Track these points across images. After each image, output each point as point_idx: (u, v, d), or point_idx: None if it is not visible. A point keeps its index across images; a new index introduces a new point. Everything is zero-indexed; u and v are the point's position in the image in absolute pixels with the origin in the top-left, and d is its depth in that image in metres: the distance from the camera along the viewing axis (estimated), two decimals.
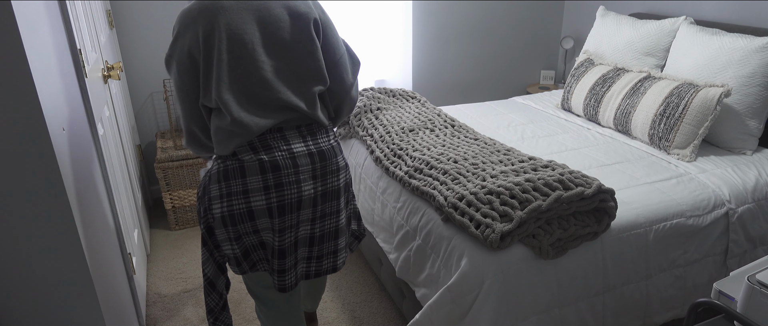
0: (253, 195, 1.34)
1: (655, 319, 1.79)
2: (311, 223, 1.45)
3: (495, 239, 1.44)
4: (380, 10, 3.23)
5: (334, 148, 1.46)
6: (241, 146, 1.35)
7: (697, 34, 2.40)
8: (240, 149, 1.35)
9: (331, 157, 1.44)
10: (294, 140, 1.39)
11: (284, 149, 1.37)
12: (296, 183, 1.37)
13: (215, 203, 1.36)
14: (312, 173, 1.39)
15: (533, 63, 3.93)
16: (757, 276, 1.03)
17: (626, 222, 1.67)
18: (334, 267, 1.54)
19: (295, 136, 1.39)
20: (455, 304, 1.52)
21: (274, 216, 1.36)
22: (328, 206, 1.46)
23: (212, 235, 1.41)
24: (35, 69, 1.08)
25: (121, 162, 2.16)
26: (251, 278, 1.55)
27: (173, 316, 2.15)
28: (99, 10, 2.30)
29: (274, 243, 1.41)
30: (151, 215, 3.01)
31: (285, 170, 1.35)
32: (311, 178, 1.39)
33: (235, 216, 1.36)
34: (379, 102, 2.50)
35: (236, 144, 1.34)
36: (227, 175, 1.35)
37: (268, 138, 1.36)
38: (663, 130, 2.18)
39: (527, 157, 1.85)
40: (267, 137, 1.36)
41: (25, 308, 1.20)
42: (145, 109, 3.03)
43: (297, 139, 1.39)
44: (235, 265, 1.44)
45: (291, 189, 1.36)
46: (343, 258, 1.56)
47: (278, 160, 1.35)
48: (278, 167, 1.35)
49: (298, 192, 1.37)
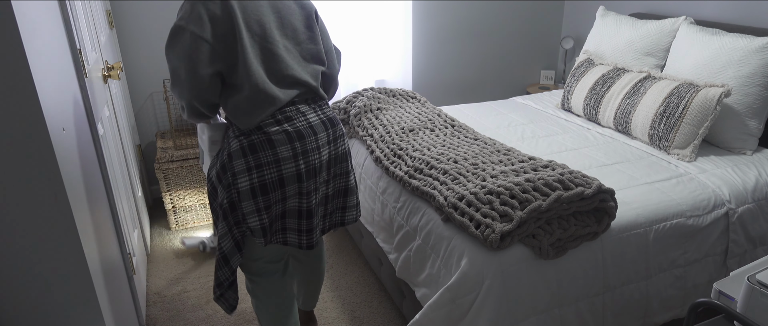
0: (285, 164, 1.47)
1: (655, 319, 1.79)
2: (326, 185, 1.62)
3: (495, 239, 1.44)
4: (380, 10, 3.23)
5: (335, 117, 1.63)
6: (265, 119, 1.47)
7: (697, 34, 2.40)
8: (265, 122, 1.47)
9: (337, 123, 1.62)
10: (308, 112, 1.55)
11: (303, 120, 1.52)
12: (318, 150, 1.54)
13: (241, 177, 1.45)
14: (327, 139, 1.57)
15: (533, 63, 3.93)
16: (757, 276, 1.03)
17: (626, 222, 1.67)
18: (343, 221, 1.72)
19: (307, 109, 1.55)
20: (455, 304, 1.52)
21: (302, 180, 1.51)
22: (340, 167, 1.65)
23: (234, 210, 1.49)
24: (35, 69, 1.08)
25: (121, 162, 2.16)
26: (250, 256, 1.64)
27: (173, 316, 2.15)
28: (99, 10, 2.30)
29: (301, 206, 1.55)
30: (151, 215, 3.01)
31: (308, 138, 1.51)
32: (327, 144, 1.57)
33: (268, 186, 1.47)
34: (379, 102, 2.50)
35: (262, 115, 1.46)
36: (254, 148, 1.46)
37: (287, 111, 1.50)
38: (663, 130, 2.18)
39: (527, 157, 1.85)
40: (287, 110, 1.50)
41: (25, 308, 1.20)
42: (145, 109, 3.03)
43: (310, 111, 1.55)
44: (261, 236, 1.52)
45: (315, 155, 1.53)
46: (352, 215, 1.72)
47: (302, 130, 1.50)
48: (303, 136, 1.50)
49: (319, 157, 1.55)
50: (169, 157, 2.68)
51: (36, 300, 1.21)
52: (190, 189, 2.78)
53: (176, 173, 2.71)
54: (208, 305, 2.22)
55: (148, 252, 2.59)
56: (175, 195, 2.76)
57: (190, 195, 2.79)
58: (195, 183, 2.78)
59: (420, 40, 3.51)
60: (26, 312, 1.21)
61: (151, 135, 3.09)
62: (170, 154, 2.69)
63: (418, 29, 3.48)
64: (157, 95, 3.02)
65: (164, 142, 2.88)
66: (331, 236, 2.74)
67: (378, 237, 2.07)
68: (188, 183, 2.76)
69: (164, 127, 3.10)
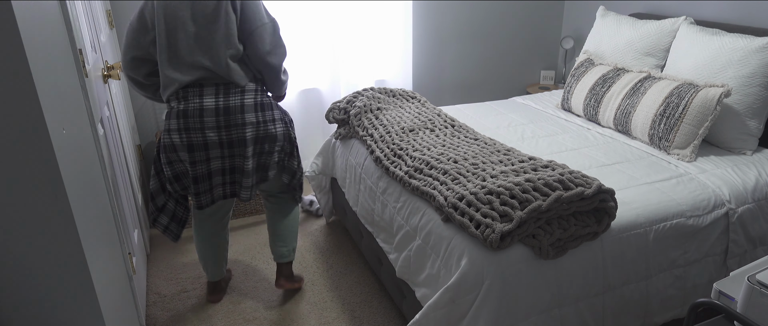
0: (173, 134, 1.82)
1: (655, 319, 1.79)
2: (221, 160, 1.88)
3: (495, 239, 1.44)
4: (380, 10, 3.23)
5: (244, 105, 1.84)
6: (171, 95, 1.82)
7: (697, 34, 2.40)
8: (170, 97, 1.83)
9: (235, 112, 1.83)
10: (207, 95, 1.81)
11: (197, 102, 1.80)
12: (201, 130, 1.81)
13: (163, 134, 1.85)
14: (216, 124, 1.81)
15: (533, 63, 3.93)
16: (757, 276, 1.03)
17: (626, 223, 1.67)
18: (234, 193, 1.98)
19: (210, 93, 1.82)
20: (455, 304, 1.52)
21: (185, 151, 1.83)
22: (235, 150, 1.87)
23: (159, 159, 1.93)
24: (35, 69, 1.08)
25: (121, 162, 2.16)
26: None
27: (173, 316, 2.15)
28: (99, 10, 2.30)
29: (189, 172, 1.87)
30: None
31: (192, 118, 1.80)
32: (216, 128, 1.82)
33: (167, 147, 1.85)
34: (379, 102, 2.50)
35: (167, 93, 1.82)
36: (168, 116, 1.84)
37: (188, 91, 1.81)
38: (663, 130, 2.18)
39: (527, 157, 1.85)
40: (188, 91, 1.81)
41: (25, 308, 1.20)
42: (145, 109, 3.03)
43: (210, 95, 1.81)
44: (169, 185, 1.92)
45: (196, 134, 1.81)
46: (247, 193, 1.95)
47: (188, 110, 1.80)
48: (187, 115, 1.80)
49: (203, 136, 1.82)
50: None
51: (36, 300, 1.21)
52: None
53: None
54: (208, 305, 2.22)
55: (148, 252, 2.59)
56: None
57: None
58: None
59: (420, 40, 3.51)
60: (26, 312, 1.21)
61: (151, 135, 3.09)
62: None
63: (418, 29, 3.48)
64: None
65: None
66: (331, 236, 2.75)
67: (378, 237, 2.07)
68: None
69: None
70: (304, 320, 2.12)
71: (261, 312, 2.16)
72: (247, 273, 2.43)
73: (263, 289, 2.31)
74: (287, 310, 2.17)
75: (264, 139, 1.89)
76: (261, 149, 1.91)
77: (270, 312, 2.17)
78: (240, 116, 1.82)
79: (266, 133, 1.89)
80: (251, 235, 2.77)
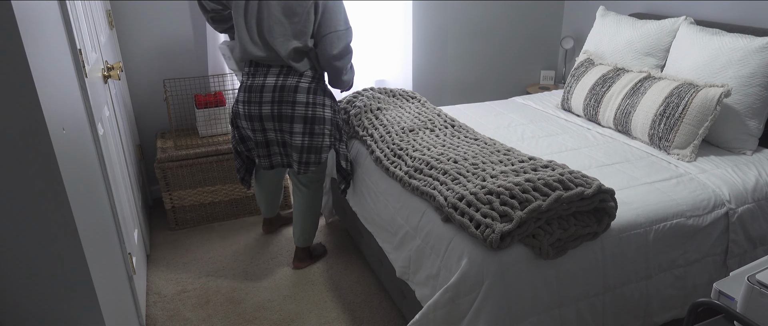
0: (240, 104, 2.15)
1: (655, 319, 1.79)
2: (274, 132, 2.17)
3: (495, 239, 1.44)
4: (380, 10, 3.23)
5: (299, 87, 2.09)
6: (245, 67, 2.17)
7: (697, 34, 2.40)
8: (245, 70, 2.17)
9: (290, 91, 2.08)
10: (271, 75, 2.10)
11: (261, 79, 2.10)
12: (259, 103, 2.10)
13: (235, 101, 2.21)
14: (272, 98, 2.09)
15: (533, 63, 3.93)
16: (757, 276, 1.03)
17: (626, 223, 1.67)
18: (289, 164, 2.26)
19: (274, 73, 2.10)
20: (455, 304, 1.52)
21: (246, 120, 2.16)
22: (284, 125, 2.13)
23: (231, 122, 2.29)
24: (35, 69, 1.08)
25: (121, 162, 2.16)
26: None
27: (173, 316, 2.15)
28: (99, 10, 2.30)
29: (255, 138, 2.21)
30: (151, 215, 3.01)
31: (254, 93, 2.10)
32: (271, 102, 2.09)
33: (235, 113, 2.21)
34: (379, 102, 2.50)
35: (243, 64, 2.21)
36: (240, 87, 2.18)
37: (258, 69, 2.13)
38: (663, 130, 2.18)
39: (527, 157, 1.85)
40: (258, 68, 2.13)
41: (25, 308, 1.20)
42: (145, 109, 3.03)
43: (273, 75, 2.10)
44: (236, 144, 2.32)
45: (256, 106, 2.11)
46: (295, 167, 2.19)
47: (254, 85, 2.11)
48: (252, 90, 2.11)
49: (259, 109, 2.11)
50: (169, 157, 2.68)
51: (36, 300, 1.21)
52: (190, 189, 2.78)
53: (176, 173, 2.71)
54: (208, 305, 2.22)
55: (148, 252, 2.59)
56: (175, 195, 2.76)
57: (190, 195, 2.79)
58: (195, 183, 2.78)
59: (420, 40, 3.51)
60: (26, 312, 1.21)
61: (151, 135, 3.09)
62: (170, 154, 2.69)
63: (418, 29, 3.48)
64: (157, 95, 3.02)
65: (164, 142, 2.88)
66: (331, 235, 2.75)
67: (378, 237, 2.07)
68: (188, 183, 2.76)
69: (164, 127, 3.10)
70: (304, 320, 2.12)
71: (261, 312, 2.16)
72: (246, 273, 2.43)
73: (263, 289, 2.31)
74: (287, 310, 2.17)
75: (313, 119, 2.11)
76: (312, 130, 2.13)
77: (270, 312, 2.17)
78: (292, 95, 2.08)
79: (315, 114, 2.11)
80: (251, 235, 2.77)
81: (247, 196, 2.92)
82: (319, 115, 2.12)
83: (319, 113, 2.11)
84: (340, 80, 2.17)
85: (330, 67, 2.12)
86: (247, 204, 2.95)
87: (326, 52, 2.07)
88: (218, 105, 2.87)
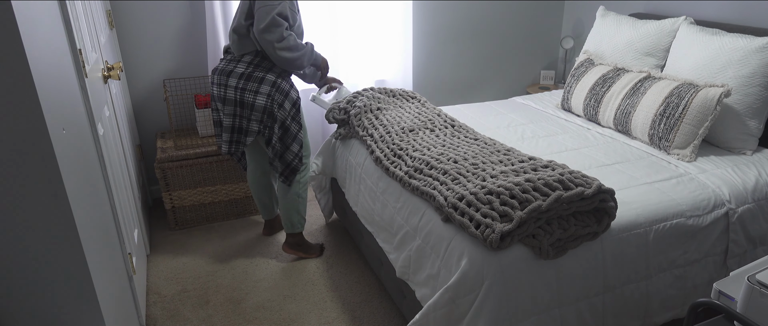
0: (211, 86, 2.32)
1: (655, 319, 1.79)
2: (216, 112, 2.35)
3: (495, 239, 1.44)
4: (380, 10, 3.23)
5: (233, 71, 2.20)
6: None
7: (697, 34, 2.40)
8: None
9: (225, 75, 2.21)
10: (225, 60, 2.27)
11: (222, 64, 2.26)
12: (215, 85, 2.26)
13: None
14: (217, 81, 2.24)
15: (533, 63, 3.93)
16: (757, 276, 1.03)
17: (626, 223, 1.67)
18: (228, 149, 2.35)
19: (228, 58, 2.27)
20: (455, 304, 1.52)
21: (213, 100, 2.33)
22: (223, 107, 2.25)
23: None
24: (35, 69, 1.08)
25: (121, 162, 2.16)
26: None
27: (173, 316, 2.15)
28: (99, 10, 2.30)
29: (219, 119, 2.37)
30: (151, 215, 3.01)
31: (215, 75, 2.26)
32: (217, 84, 2.25)
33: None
34: (379, 102, 2.50)
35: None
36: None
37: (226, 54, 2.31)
38: (663, 130, 2.18)
39: (527, 157, 1.85)
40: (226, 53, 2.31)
41: (25, 308, 1.20)
42: (145, 109, 3.03)
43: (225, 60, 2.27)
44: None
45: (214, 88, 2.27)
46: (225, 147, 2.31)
47: (216, 68, 2.27)
48: (215, 72, 2.26)
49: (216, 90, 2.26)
50: (169, 157, 2.68)
51: (36, 300, 1.21)
52: (190, 189, 2.78)
53: (176, 173, 2.71)
54: (208, 305, 2.22)
55: (148, 252, 2.59)
56: (175, 195, 2.76)
57: (190, 195, 2.79)
58: (195, 183, 2.78)
59: (420, 40, 3.51)
60: (26, 312, 1.21)
61: (151, 135, 3.09)
62: (170, 154, 2.69)
63: (418, 29, 3.48)
64: (157, 95, 3.02)
65: (164, 142, 2.88)
66: (331, 235, 2.75)
67: (378, 237, 2.07)
68: (188, 183, 2.76)
69: (164, 127, 3.10)
70: (304, 320, 2.12)
71: (261, 312, 2.16)
72: (246, 273, 2.43)
73: (263, 289, 2.31)
74: (287, 310, 2.17)
75: (242, 104, 2.21)
76: (241, 113, 2.23)
77: (270, 312, 2.17)
78: (225, 78, 2.20)
79: (243, 100, 2.20)
80: (251, 235, 2.77)
81: (247, 196, 2.92)
82: (249, 100, 2.19)
83: (248, 99, 2.19)
84: (275, 56, 2.13)
85: (261, 42, 2.12)
86: (247, 204, 2.95)
87: (255, 25, 2.10)
88: None
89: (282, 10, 2.09)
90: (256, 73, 2.19)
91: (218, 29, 2.88)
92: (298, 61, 2.20)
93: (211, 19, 2.85)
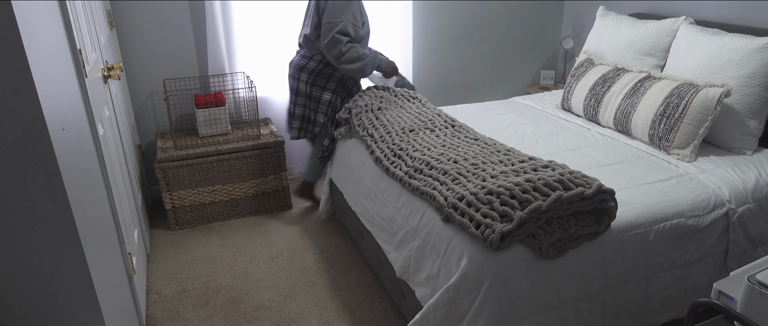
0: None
1: (655, 319, 1.79)
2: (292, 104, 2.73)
3: (495, 239, 1.44)
4: (380, 10, 3.23)
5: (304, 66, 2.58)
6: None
7: (697, 34, 2.40)
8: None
9: (297, 69, 2.61)
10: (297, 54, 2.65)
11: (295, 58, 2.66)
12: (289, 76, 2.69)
13: None
14: (291, 73, 2.66)
15: (533, 63, 3.93)
16: (757, 276, 1.03)
17: (626, 223, 1.67)
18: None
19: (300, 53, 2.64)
20: (455, 304, 1.52)
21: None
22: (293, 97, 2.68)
23: None
24: (35, 69, 1.08)
25: (121, 162, 2.16)
26: None
27: (173, 316, 2.15)
28: (99, 10, 2.30)
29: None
30: (151, 215, 3.01)
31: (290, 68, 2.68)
32: (290, 76, 2.67)
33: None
34: (380, 102, 2.50)
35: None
36: None
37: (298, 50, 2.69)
38: (663, 130, 2.18)
39: (527, 157, 1.85)
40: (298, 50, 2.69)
41: (25, 308, 1.20)
42: (145, 109, 3.03)
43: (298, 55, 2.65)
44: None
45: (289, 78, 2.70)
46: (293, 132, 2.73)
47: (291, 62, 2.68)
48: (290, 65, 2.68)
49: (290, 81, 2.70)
50: (169, 157, 2.68)
51: (36, 300, 1.21)
52: (190, 189, 2.78)
53: (176, 173, 2.71)
54: (208, 305, 2.22)
55: (148, 252, 2.59)
56: (175, 195, 2.76)
57: (190, 195, 2.79)
58: (195, 183, 2.78)
59: (420, 40, 3.51)
60: (26, 312, 1.21)
61: (151, 135, 3.09)
62: (170, 153, 2.69)
63: (418, 29, 3.48)
64: (157, 95, 3.02)
65: (164, 142, 2.88)
66: (331, 236, 2.75)
67: (378, 237, 2.07)
68: (188, 183, 2.76)
69: (164, 127, 3.10)
70: (304, 320, 2.12)
71: (261, 312, 2.16)
72: (246, 273, 2.43)
73: (263, 289, 2.31)
74: (287, 310, 2.17)
75: (311, 97, 2.59)
76: (309, 104, 2.61)
77: (270, 312, 2.17)
78: (298, 72, 2.59)
79: (312, 94, 2.58)
80: (251, 235, 2.77)
81: (247, 196, 2.92)
82: (315, 95, 2.58)
83: (315, 93, 2.58)
84: (337, 64, 2.44)
85: (327, 57, 2.46)
86: (247, 204, 2.95)
87: (321, 40, 2.44)
88: (218, 105, 2.87)
89: (343, 28, 2.37)
90: (326, 71, 2.56)
91: (218, 29, 2.88)
92: (360, 71, 2.48)
93: (211, 19, 2.85)
